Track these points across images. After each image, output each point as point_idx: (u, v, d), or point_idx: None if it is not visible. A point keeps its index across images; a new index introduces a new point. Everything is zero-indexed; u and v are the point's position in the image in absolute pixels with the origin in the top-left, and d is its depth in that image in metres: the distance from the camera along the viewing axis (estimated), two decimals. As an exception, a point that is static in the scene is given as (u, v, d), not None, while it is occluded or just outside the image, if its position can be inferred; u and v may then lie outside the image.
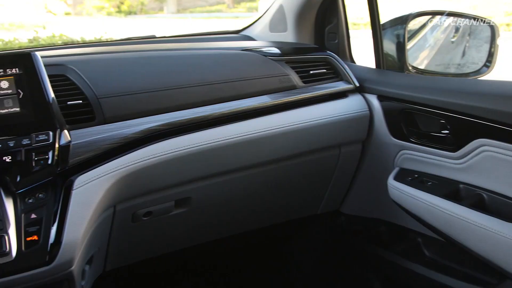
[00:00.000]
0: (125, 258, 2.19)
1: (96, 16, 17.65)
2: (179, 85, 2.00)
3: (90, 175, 1.68)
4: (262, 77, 2.19)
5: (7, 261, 1.47)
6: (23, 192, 1.58)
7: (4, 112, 1.61)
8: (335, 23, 2.61)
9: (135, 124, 1.84)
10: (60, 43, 6.59)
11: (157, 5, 19.45)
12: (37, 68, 1.67)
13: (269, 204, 2.44)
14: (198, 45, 2.38)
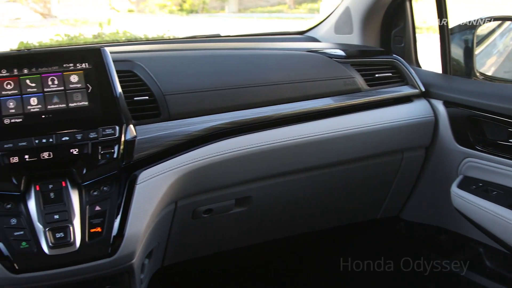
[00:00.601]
0: (183, 254, 2.21)
1: (158, 14, 17.88)
2: (244, 85, 2.01)
3: (153, 170, 1.70)
4: (326, 79, 2.17)
5: (71, 251, 1.51)
6: (88, 185, 1.61)
7: (73, 106, 1.64)
8: (402, 26, 2.57)
9: (199, 122, 1.86)
10: (124, 40, 6.70)
11: (218, 4, 19.56)
12: (106, 64, 1.70)
13: (329, 207, 2.42)
14: (263, 45, 2.38)
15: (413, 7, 2.55)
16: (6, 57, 1.68)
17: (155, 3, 18.58)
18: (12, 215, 1.53)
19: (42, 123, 1.60)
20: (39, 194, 1.56)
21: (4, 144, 1.54)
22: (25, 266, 1.49)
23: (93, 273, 1.56)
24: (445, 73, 2.44)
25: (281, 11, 18.27)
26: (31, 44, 7.16)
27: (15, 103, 1.61)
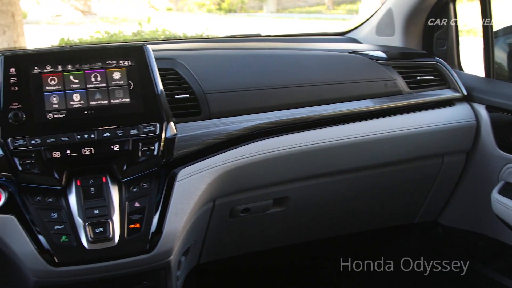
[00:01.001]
0: (219, 252, 2.21)
1: (196, 13, 18.00)
2: (285, 85, 2.00)
3: (193, 168, 1.71)
4: (367, 81, 2.15)
5: (110, 246, 1.52)
6: (128, 181, 1.63)
7: (115, 102, 1.65)
8: (445, 29, 2.54)
9: (240, 121, 1.86)
10: (163, 38, 6.75)
11: (256, 4, 19.61)
12: (149, 61, 1.71)
13: (366, 209, 2.40)
14: (304, 45, 2.38)
15: (457, 10, 2.52)
16: (50, 53, 1.70)
17: (194, 1, 18.71)
18: (53, 209, 1.55)
19: (84, 119, 1.62)
20: (80, 189, 1.58)
21: (47, 139, 1.56)
22: (64, 260, 1.51)
23: (131, 269, 1.58)
24: (488, 77, 2.40)
25: (319, 12, 18.22)
26: (72, 40, 7.27)
27: (59, 99, 1.63)
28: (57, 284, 1.57)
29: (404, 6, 2.56)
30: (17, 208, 1.56)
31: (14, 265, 1.58)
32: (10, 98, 1.60)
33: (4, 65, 1.64)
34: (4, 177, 1.60)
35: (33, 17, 16.21)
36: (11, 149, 1.55)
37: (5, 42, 7.58)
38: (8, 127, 1.57)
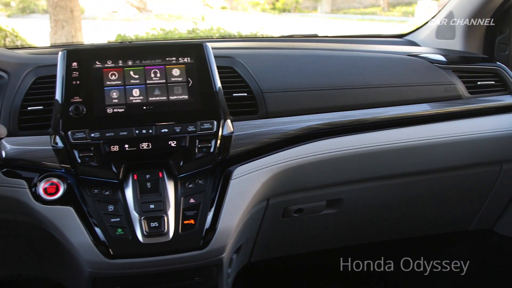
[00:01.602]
0: (270, 251, 2.21)
1: (250, 12, 18.05)
2: (342, 86, 1.99)
3: (248, 167, 1.71)
4: (427, 84, 2.12)
5: (164, 241, 1.54)
6: (184, 177, 1.64)
7: (173, 99, 1.67)
8: (508, 33, 2.48)
9: (296, 121, 1.85)
10: (218, 36, 6.78)
11: (311, 4, 19.56)
12: (208, 59, 1.72)
13: (420, 215, 2.36)
14: (362, 47, 2.35)
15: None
16: (112, 49, 1.73)
17: (248, 1, 18.77)
18: (110, 202, 1.57)
19: (143, 114, 1.64)
20: (136, 183, 1.60)
21: (106, 133, 1.59)
22: (119, 252, 1.53)
23: (184, 264, 1.59)
24: (552, 83, 2.33)
25: (374, 13, 18.05)
26: (128, 37, 7.37)
27: (118, 94, 1.65)
28: (111, 276, 1.59)
29: (466, 9, 2.51)
30: (75, 199, 1.59)
31: (70, 256, 1.61)
32: (71, 92, 1.63)
33: (67, 59, 1.68)
34: (63, 168, 1.63)
35: (90, 13, 16.53)
36: (71, 141, 1.58)
37: (63, 37, 7.75)
38: (69, 120, 1.60)
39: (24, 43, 8.47)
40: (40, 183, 1.61)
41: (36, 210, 1.58)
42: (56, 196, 1.59)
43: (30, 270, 1.99)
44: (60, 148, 1.59)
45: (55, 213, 1.57)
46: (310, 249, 2.34)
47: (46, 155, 1.64)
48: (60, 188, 1.60)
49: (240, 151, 1.73)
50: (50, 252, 1.81)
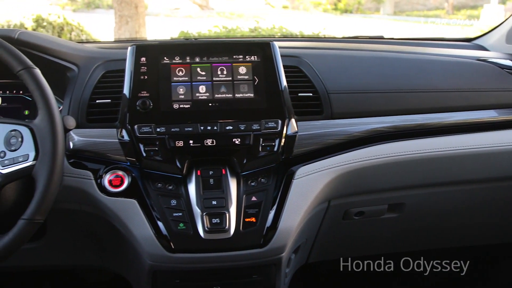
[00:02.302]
0: (328, 253, 2.20)
1: (312, 12, 17.98)
2: (409, 89, 1.96)
3: (311, 167, 1.70)
4: (495, 90, 2.06)
5: (225, 237, 1.55)
6: (246, 175, 1.65)
7: (239, 97, 1.68)
8: None
9: (361, 123, 1.84)
10: (280, 35, 6.78)
11: (373, 5, 19.34)
12: (275, 58, 1.73)
13: (484, 223, 2.31)
14: (429, 50, 2.31)
15: None
16: (179, 45, 1.76)
17: (310, 0, 18.69)
18: (173, 197, 1.59)
19: (208, 111, 1.66)
20: (200, 179, 1.62)
21: (171, 128, 1.61)
22: (180, 247, 1.55)
23: (244, 262, 1.60)
24: None
25: (438, 16, 17.73)
26: (191, 34, 7.45)
27: (185, 90, 1.67)
28: (171, 270, 1.61)
29: (540, 14, 2.44)
30: (139, 192, 1.62)
31: (132, 248, 1.64)
32: (139, 86, 1.66)
33: (136, 54, 1.71)
34: (128, 162, 1.66)
35: (153, 9, 16.74)
36: (137, 135, 1.60)
37: (127, 32, 7.88)
38: (136, 114, 1.63)
39: (89, 38, 8.66)
40: (106, 175, 1.64)
41: (101, 201, 1.61)
42: (120, 188, 1.62)
43: (91, 260, 2.03)
44: (126, 141, 1.62)
45: (119, 205, 1.60)
46: (367, 253, 2.32)
47: (112, 148, 1.67)
48: (124, 180, 1.63)
49: (304, 151, 1.73)
50: (112, 243, 1.84)
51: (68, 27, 8.85)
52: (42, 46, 1.83)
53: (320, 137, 1.76)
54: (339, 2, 18.37)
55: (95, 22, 10.82)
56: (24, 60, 1.44)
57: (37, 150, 1.39)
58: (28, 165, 1.39)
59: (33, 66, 1.44)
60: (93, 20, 11.30)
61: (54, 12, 9.26)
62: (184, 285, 1.69)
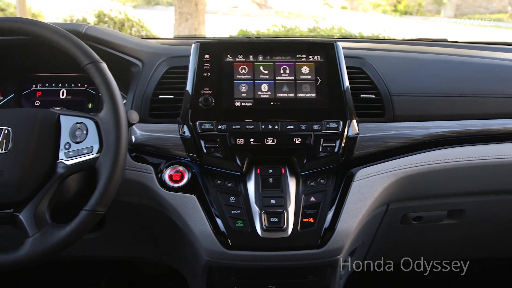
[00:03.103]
0: (384, 257, 2.17)
1: (371, 13, 17.82)
2: (474, 94, 1.91)
3: (371, 169, 1.68)
4: None
5: (282, 236, 1.54)
6: (306, 175, 1.64)
7: (301, 96, 1.68)
8: None
9: (423, 127, 1.80)
10: (338, 36, 6.75)
11: (434, 8, 19.07)
12: (338, 58, 1.72)
13: None
14: (495, 54, 2.25)
15: None
16: (243, 43, 1.77)
17: (369, 1, 18.54)
18: (232, 194, 1.60)
19: (270, 109, 1.66)
20: (259, 177, 1.62)
21: (232, 125, 1.62)
22: (238, 244, 1.56)
23: (300, 262, 1.59)
24: None
25: (500, 20, 17.35)
26: (250, 32, 7.47)
27: (247, 88, 1.68)
28: (227, 266, 1.62)
29: None
30: (199, 188, 1.63)
31: (189, 243, 1.65)
32: (202, 83, 1.67)
33: (200, 51, 1.72)
34: (189, 157, 1.67)
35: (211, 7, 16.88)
36: (199, 131, 1.62)
37: (187, 29, 7.96)
38: (198, 111, 1.64)
39: (149, 34, 8.79)
40: (166, 169, 1.66)
41: (160, 195, 1.63)
42: (180, 183, 1.64)
43: (147, 253, 2.05)
44: (187, 137, 1.64)
45: (179, 200, 1.61)
46: (424, 258, 2.28)
47: (173, 143, 1.69)
48: (185, 176, 1.65)
49: (364, 153, 1.71)
50: (169, 237, 1.86)
51: (128, 23, 9.01)
52: (109, 41, 1.86)
53: (381, 140, 1.74)
54: (399, 3, 18.16)
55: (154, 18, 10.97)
56: (91, 54, 1.47)
57: (101, 143, 1.42)
58: (92, 157, 1.42)
59: (100, 61, 1.46)
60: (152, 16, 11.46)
61: (115, 8, 9.44)
62: (239, 282, 1.70)
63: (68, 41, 1.46)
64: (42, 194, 1.42)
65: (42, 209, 1.41)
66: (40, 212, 1.40)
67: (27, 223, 1.39)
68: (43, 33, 1.47)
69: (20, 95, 2.02)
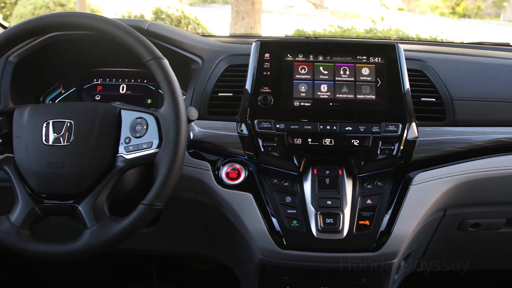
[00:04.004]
0: (438, 263, 2.14)
1: (428, 15, 17.58)
2: None
3: (430, 174, 1.66)
4: None
5: (337, 238, 1.54)
6: (363, 177, 1.63)
7: (360, 98, 1.66)
8: None
9: (484, 132, 1.77)
10: (396, 37, 6.67)
11: (493, 11, 18.71)
12: (399, 60, 1.70)
13: None
14: None
15: None
16: (303, 43, 1.76)
17: (427, 3, 18.28)
18: (288, 193, 1.60)
19: (329, 110, 1.65)
20: (316, 178, 1.62)
21: (291, 125, 1.62)
22: (292, 244, 1.56)
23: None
24: None
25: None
26: (306, 32, 7.45)
27: (306, 88, 1.68)
28: (280, 265, 1.62)
29: None
30: (255, 187, 1.63)
31: (243, 240, 1.66)
32: (261, 82, 1.68)
33: (260, 50, 1.72)
34: (246, 155, 1.68)
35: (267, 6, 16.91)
36: (257, 130, 1.62)
37: (243, 28, 7.99)
38: (256, 109, 1.65)
39: (205, 32, 8.86)
40: (223, 167, 1.67)
41: (217, 192, 1.64)
42: (237, 181, 1.64)
43: (199, 248, 2.07)
44: (245, 135, 1.64)
45: (235, 197, 1.62)
46: (480, 266, 2.24)
47: (231, 141, 1.70)
48: (241, 174, 1.65)
49: (423, 157, 1.69)
50: (222, 234, 1.87)
51: (185, 20, 9.10)
52: (170, 38, 1.88)
53: (441, 144, 1.72)
54: (458, 6, 17.85)
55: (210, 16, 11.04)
56: (154, 51, 1.48)
57: (161, 138, 1.43)
58: (151, 152, 1.44)
59: (162, 57, 1.48)
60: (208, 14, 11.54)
61: (172, 5, 9.54)
62: (291, 282, 1.70)
63: (132, 37, 1.48)
64: (101, 187, 1.44)
65: (100, 202, 1.43)
66: (99, 204, 1.43)
67: (86, 215, 1.42)
68: (107, 28, 1.49)
69: (81, 89, 2.06)
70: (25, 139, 1.48)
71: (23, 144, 1.48)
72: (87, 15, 1.51)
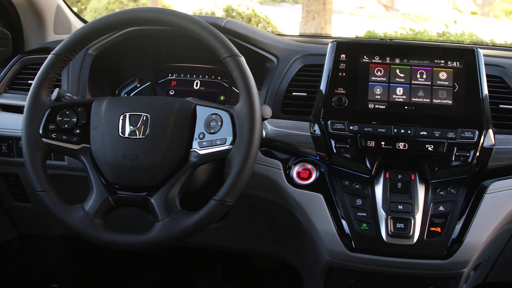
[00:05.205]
0: (508, 275, 2.08)
1: (503, 20, 17.11)
2: None
3: (506, 183, 1.62)
4: None
5: (407, 243, 1.52)
6: (436, 183, 1.60)
7: (436, 102, 1.64)
8: None
9: None
10: (469, 42, 6.53)
11: None
12: (478, 65, 1.66)
13: None
14: None
15: None
16: (380, 45, 1.74)
17: (501, 8, 17.79)
18: (359, 196, 1.59)
19: (404, 114, 1.64)
20: (388, 181, 1.60)
21: (364, 127, 1.61)
22: (361, 247, 1.55)
23: (423, 271, 1.56)
24: None
25: None
26: (377, 33, 7.38)
27: (382, 90, 1.66)
28: (347, 268, 1.61)
29: None
30: (326, 188, 1.63)
31: (310, 241, 1.66)
32: (336, 83, 1.67)
33: (336, 51, 1.72)
34: (318, 156, 1.67)
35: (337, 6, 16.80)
36: (330, 131, 1.62)
37: (313, 28, 7.98)
38: (330, 110, 1.65)
39: (275, 31, 8.87)
40: (295, 166, 1.67)
41: (287, 191, 1.65)
42: (308, 181, 1.64)
43: (264, 246, 2.08)
44: (318, 136, 1.65)
45: (306, 197, 1.62)
46: None
47: (303, 141, 1.70)
48: (312, 174, 1.65)
49: (499, 165, 1.64)
50: (290, 233, 1.87)
51: (255, 19, 9.14)
52: (246, 36, 1.89)
53: None
54: (535, 11, 17.31)
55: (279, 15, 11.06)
56: (231, 48, 1.49)
57: (235, 135, 1.44)
58: (225, 149, 1.44)
59: (239, 54, 1.49)
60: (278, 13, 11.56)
61: (243, 3, 9.59)
62: (358, 286, 1.70)
63: (210, 34, 1.50)
64: (174, 180, 1.47)
65: (173, 195, 1.45)
66: (171, 198, 1.45)
67: (158, 207, 1.44)
68: (187, 24, 1.51)
69: (156, 83, 2.10)
70: (102, 130, 1.52)
71: (99, 136, 1.52)
72: (167, 11, 1.53)
